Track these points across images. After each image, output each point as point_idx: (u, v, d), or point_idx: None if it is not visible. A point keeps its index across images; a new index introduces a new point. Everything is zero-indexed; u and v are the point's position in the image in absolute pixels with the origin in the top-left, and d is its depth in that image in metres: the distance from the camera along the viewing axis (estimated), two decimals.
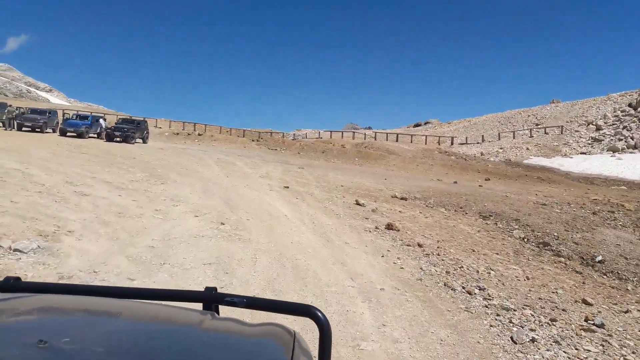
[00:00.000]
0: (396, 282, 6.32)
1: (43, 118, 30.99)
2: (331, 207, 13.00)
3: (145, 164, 19.53)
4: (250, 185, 16.00)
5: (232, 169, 21.84)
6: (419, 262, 7.70)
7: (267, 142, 44.01)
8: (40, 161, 16.15)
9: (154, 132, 43.94)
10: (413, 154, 41.25)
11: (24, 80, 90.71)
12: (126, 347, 0.92)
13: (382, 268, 6.96)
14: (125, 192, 12.35)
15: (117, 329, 1.06)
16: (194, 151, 30.65)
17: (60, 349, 0.81)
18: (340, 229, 9.79)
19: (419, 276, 6.75)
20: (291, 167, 27.18)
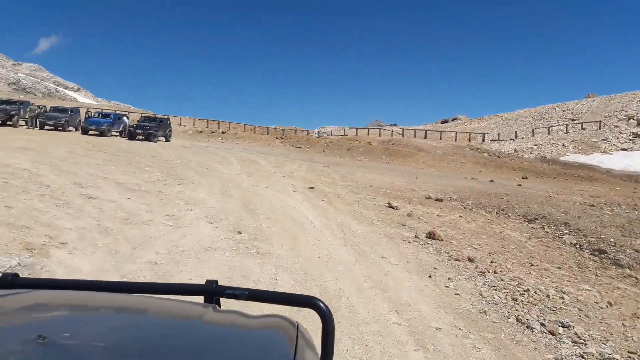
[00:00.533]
0: (454, 316, 4.97)
1: (65, 116, 30.45)
2: (361, 210, 11.66)
3: (163, 163, 18.54)
4: (272, 186, 14.78)
5: (255, 167, 20.68)
6: (475, 284, 6.31)
7: (292, 140, 42.83)
8: (54, 160, 15.27)
9: (178, 130, 43.31)
10: (443, 151, 39.48)
11: (52, 80, 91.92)
12: (128, 342, 0.89)
13: (433, 294, 5.61)
14: (136, 195, 11.27)
15: (118, 323, 1.04)
16: (217, 149, 29.68)
17: (60, 344, 0.78)
18: (374, 239, 8.45)
19: (481, 307, 5.37)
20: (316, 165, 25.91)
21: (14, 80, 73.78)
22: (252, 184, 14.94)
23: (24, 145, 18.91)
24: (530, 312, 5.29)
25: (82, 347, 0.82)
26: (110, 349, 0.83)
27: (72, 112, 31.89)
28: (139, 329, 1.01)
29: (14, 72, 79.24)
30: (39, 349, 0.75)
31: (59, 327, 0.93)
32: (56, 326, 0.95)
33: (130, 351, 0.84)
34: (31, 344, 0.76)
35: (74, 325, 0.98)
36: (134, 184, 12.70)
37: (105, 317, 1.11)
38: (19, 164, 13.66)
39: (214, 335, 1.02)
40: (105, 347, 0.83)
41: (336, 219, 10.07)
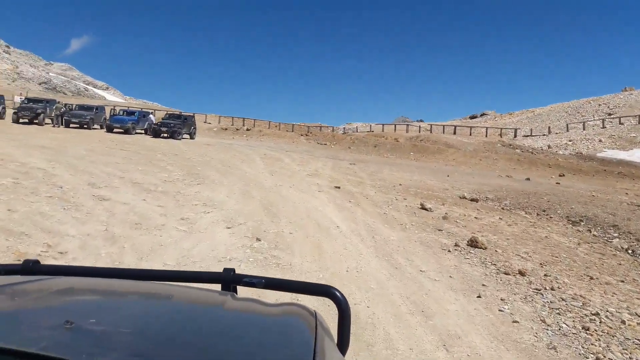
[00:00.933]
0: (517, 353, 3.98)
1: (90, 114, 30.29)
2: (392, 213, 10.70)
3: (185, 161, 17.94)
4: (296, 186, 13.94)
5: (278, 165, 19.90)
6: (534, 305, 5.32)
7: (316, 137, 41.96)
8: (72, 159, 14.78)
9: (203, 128, 42.99)
10: (474, 148, 38.00)
11: (82, 79, 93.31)
12: (151, 328, 0.90)
13: (486, 322, 4.64)
14: (152, 196, 10.58)
15: (141, 310, 1.05)
16: (241, 147, 29.06)
17: (88, 330, 0.79)
18: (409, 247, 7.50)
19: (547, 339, 4.37)
20: (342, 163, 24.99)
21: (45, 80, 75.04)
22: (275, 183, 14.14)
23: (45, 143, 18.59)
24: (611, 347, 4.26)
25: (109, 332, 0.82)
26: (135, 334, 0.83)
27: (97, 110, 31.75)
28: (162, 316, 1.02)
29: (45, 72, 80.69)
30: (68, 334, 0.75)
31: (85, 313, 0.93)
32: (82, 312, 0.95)
33: (154, 336, 0.84)
34: (60, 329, 0.77)
35: (99, 311, 0.99)
36: (151, 183, 12.04)
37: (128, 304, 1.11)
38: (35, 162, 13.19)
39: (236, 321, 1.02)
40: (131, 333, 0.83)
41: (365, 223, 9.15)
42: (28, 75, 73.31)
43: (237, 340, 0.88)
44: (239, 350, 0.83)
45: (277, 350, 0.86)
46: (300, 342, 0.89)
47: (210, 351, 0.81)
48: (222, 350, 0.82)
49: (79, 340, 0.76)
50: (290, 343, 0.90)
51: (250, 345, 0.87)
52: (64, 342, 0.74)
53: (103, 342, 0.77)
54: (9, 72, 71.11)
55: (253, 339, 0.90)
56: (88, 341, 0.76)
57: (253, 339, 0.90)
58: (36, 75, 75.45)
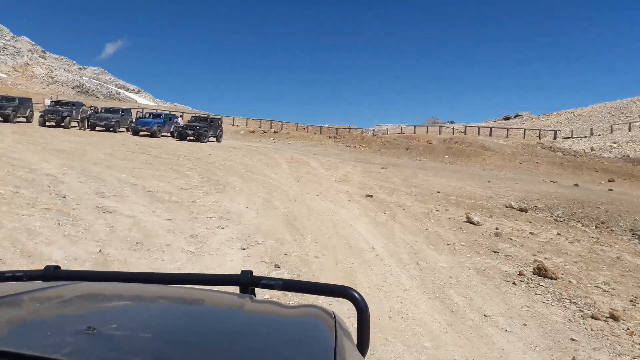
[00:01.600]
0: None
1: (116, 117, 29.76)
2: (435, 228, 9.25)
3: (207, 166, 16.88)
4: (324, 194, 12.62)
5: (305, 170, 18.63)
6: None
7: (345, 139, 40.58)
8: (88, 164, 13.88)
9: (230, 130, 42.25)
10: (512, 150, 35.90)
11: (114, 82, 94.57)
12: (172, 331, 0.90)
13: None
14: (163, 207, 9.45)
15: (161, 313, 1.06)
16: (267, 150, 27.97)
17: (109, 335, 0.80)
18: (463, 278, 6.07)
19: None
20: (372, 167, 23.56)
21: (78, 84, 76.22)
22: (300, 191, 12.86)
23: (65, 147, 17.86)
24: None
25: (130, 337, 0.82)
26: (155, 338, 0.84)
27: (123, 112, 31.19)
28: (181, 319, 1.01)
29: (78, 76, 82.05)
30: (90, 340, 0.76)
31: (107, 318, 0.94)
32: (103, 317, 0.95)
33: (174, 340, 0.85)
34: (82, 334, 0.77)
35: (120, 316, 0.99)
36: (165, 192, 10.94)
37: (149, 308, 1.11)
38: (47, 168, 12.30)
39: (255, 323, 1.01)
40: (151, 337, 0.84)
41: (405, 243, 7.73)
42: (62, 79, 74.56)
43: (256, 342, 0.88)
44: (258, 352, 0.83)
45: (296, 352, 0.85)
46: (319, 343, 0.89)
47: (230, 353, 0.81)
48: (241, 352, 0.82)
49: (101, 345, 0.76)
50: (309, 344, 0.90)
51: (270, 346, 0.86)
52: (87, 348, 0.74)
53: (124, 347, 0.77)
54: (44, 77, 72.45)
55: (272, 340, 0.90)
56: (110, 346, 0.77)
57: (272, 341, 0.90)
58: (70, 79, 76.69)
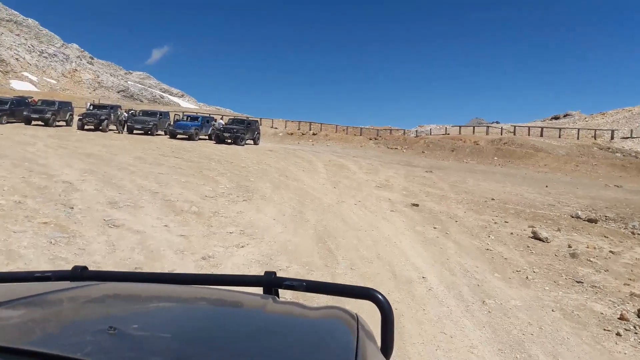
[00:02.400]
0: None
1: (153, 120, 29.32)
2: (498, 247, 7.65)
3: (239, 170, 15.79)
4: (363, 202, 11.19)
5: (343, 175, 17.22)
6: None
7: (386, 141, 38.90)
8: (112, 170, 13.02)
9: (269, 133, 41.41)
10: (566, 151, 33.21)
11: (159, 87, 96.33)
12: (192, 332, 0.89)
13: None
14: (180, 219, 8.31)
15: (183, 314, 1.06)
16: (305, 152, 26.74)
17: (130, 335, 0.81)
18: (548, 325, 4.52)
19: None
20: (416, 170, 21.89)
21: (123, 88, 77.88)
22: (336, 198, 11.48)
23: (95, 151, 17.23)
24: None
25: (150, 337, 0.83)
26: (176, 338, 0.84)
27: (160, 115, 30.76)
28: (203, 319, 1.01)
29: (124, 81, 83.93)
30: (111, 339, 0.77)
31: (128, 319, 0.94)
32: (125, 317, 0.96)
33: (195, 340, 0.84)
34: (103, 334, 0.78)
35: (141, 316, 1.00)
36: (187, 201, 9.82)
37: (170, 308, 1.11)
38: (66, 174, 11.49)
39: (277, 326, 1.01)
40: (172, 337, 0.84)
41: (464, 270, 6.20)
42: (108, 84, 76.35)
43: (278, 342, 0.88)
44: (279, 353, 0.82)
45: (318, 352, 0.85)
46: (341, 344, 0.89)
47: (251, 353, 0.80)
48: (262, 352, 0.81)
49: (121, 345, 0.77)
50: (331, 345, 0.89)
51: (292, 347, 0.86)
52: (107, 347, 0.75)
53: (144, 347, 0.78)
54: (91, 82, 74.37)
55: (294, 341, 0.90)
56: (130, 346, 0.77)
57: (294, 341, 0.90)
58: (115, 83, 78.44)
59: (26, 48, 70.27)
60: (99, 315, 1.00)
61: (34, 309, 0.97)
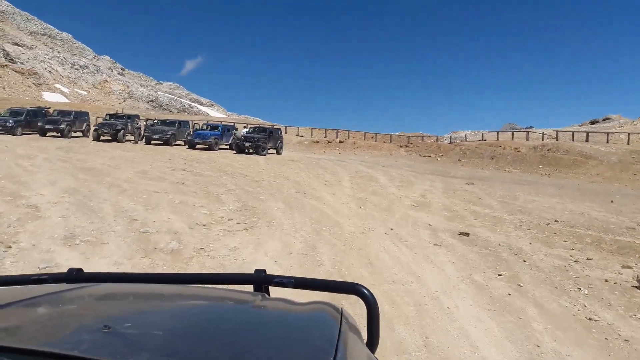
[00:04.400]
0: None
1: (171, 130, 27.54)
2: (602, 313, 5.08)
3: (251, 185, 13.59)
4: (396, 230, 8.71)
5: (371, 189, 14.76)
6: None
7: (419, 148, 36.11)
8: (101, 188, 11.04)
9: (294, 142, 39.29)
10: (619, 158, 29.72)
11: (189, 97, 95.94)
12: (183, 328, 0.92)
13: None
14: (148, 263, 6.13)
15: (175, 311, 1.09)
16: (330, 162, 24.39)
17: (123, 334, 0.84)
18: None
19: None
20: (455, 181, 19.22)
21: (152, 98, 77.58)
22: (362, 224, 9.06)
23: (97, 165, 15.36)
24: None
25: (142, 335, 0.85)
26: (167, 335, 0.87)
27: (179, 125, 28.98)
28: (194, 316, 1.04)
29: (153, 91, 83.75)
30: (105, 338, 0.80)
31: (122, 318, 0.97)
32: (119, 317, 0.99)
33: (185, 336, 0.87)
34: (98, 333, 0.81)
35: (134, 315, 1.02)
36: (169, 231, 7.62)
37: (163, 307, 1.14)
38: (40, 196, 9.54)
39: (263, 320, 1.04)
40: (163, 334, 0.87)
41: None
42: (137, 95, 76.16)
43: (262, 336, 0.90)
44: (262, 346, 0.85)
45: (301, 343, 0.87)
46: (324, 335, 0.91)
47: (235, 347, 0.83)
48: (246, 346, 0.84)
49: (115, 343, 0.79)
50: (312, 337, 0.92)
51: (274, 340, 0.88)
52: (102, 345, 0.78)
53: (136, 344, 0.80)
54: (121, 92, 74.28)
55: (277, 334, 0.92)
56: (123, 343, 0.80)
57: (277, 335, 0.92)
58: (145, 94, 78.22)
59: (59, 60, 70.79)
60: (94, 315, 1.01)
61: (33, 310, 1.00)
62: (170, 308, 1.13)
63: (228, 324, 0.97)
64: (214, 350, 0.80)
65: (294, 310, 1.12)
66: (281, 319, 1.07)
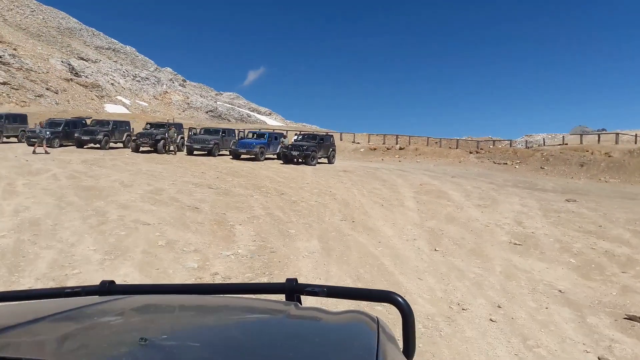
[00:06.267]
0: None
1: (214, 139, 24.84)
2: None
3: (285, 209, 10.26)
4: (508, 313, 4.84)
5: (444, 213, 10.83)
6: None
7: (491, 154, 31.24)
8: (77, 218, 8.07)
9: (349, 149, 35.64)
10: None
11: (248, 106, 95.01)
12: (220, 340, 0.90)
13: None
14: None
15: (210, 323, 1.07)
16: (389, 172, 20.53)
17: (160, 346, 0.81)
18: None
19: None
20: (548, 197, 14.84)
21: (211, 108, 76.94)
22: (442, 292, 5.28)
23: (104, 184, 12.62)
24: None
25: (180, 347, 0.83)
26: (204, 347, 0.84)
27: (224, 133, 26.23)
28: (229, 328, 1.03)
29: (213, 101, 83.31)
30: (143, 350, 0.78)
31: (158, 330, 0.96)
32: (155, 329, 0.98)
33: (222, 348, 0.85)
34: (135, 345, 0.79)
35: (170, 327, 1.01)
36: None
37: (198, 318, 1.12)
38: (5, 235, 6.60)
39: (299, 330, 1.02)
40: (200, 346, 0.84)
41: None
42: (197, 105, 75.74)
43: (302, 346, 0.88)
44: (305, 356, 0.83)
45: (341, 354, 0.85)
46: (363, 345, 0.88)
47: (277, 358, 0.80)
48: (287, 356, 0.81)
49: (153, 356, 0.78)
50: (352, 347, 0.89)
51: (313, 351, 0.86)
52: (140, 358, 0.76)
53: (174, 357, 0.79)
54: (180, 103, 74.14)
55: (316, 345, 0.90)
56: (161, 356, 0.78)
57: (316, 346, 0.90)
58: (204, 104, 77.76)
59: (121, 73, 71.75)
60: (129, 328, 1.00)
61: (68, 323, 0.98)
62: (206, 319, 1.10)
63: (265, 335, 0.95)
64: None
65: (329, 320, 1.09)
66: (319, 329, 1.03)
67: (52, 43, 70.28)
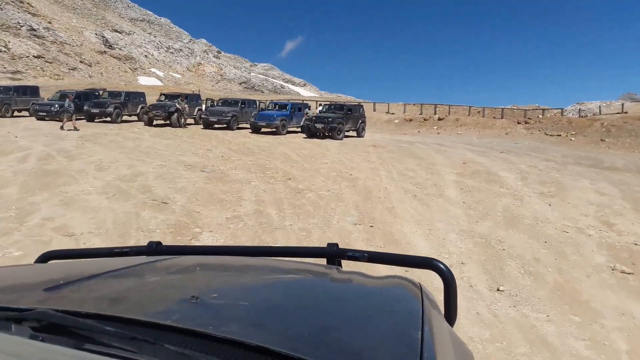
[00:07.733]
0: None
1: (233, 111, 22.21)
2: None
3: (285, 204, 7.73)
4: None
5: (499, 206, 7.80)
6: None
7: (542, 125, 27.19)
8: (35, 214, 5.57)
9: (382, 120, 32.28)
10: None
11: (282, 77, 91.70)
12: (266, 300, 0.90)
13: None
14: None
15: (257, 284, 1.06)
16: (425, 147, 17.38)
17: (210, 304, 0.82)
18: None
19: None
20: (625, 179, 11.48)
21: (245, 80, 74.36)
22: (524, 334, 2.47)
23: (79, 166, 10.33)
24: None
25: (230, 306, 0.84)
26: (252, 306, 0.84)
27: (243, 104, 23.55)
28: (275, 289, 1.02)
29: (247, 73, 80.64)
30: (194, 308, 0.78)
31: (208, 289, 0.95)
32: (205, 288, 0.97)
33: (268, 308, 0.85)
34: (186, 303, 0.79)
35: (218, 287, 1.00)
36: None
37: (244, 279, 1.11)
38: None
39: (342, 292, 1.01)
40: (248, 305, 0.85)
41: None
42: (230, 77, 73.28)
43: (346, 309, 0.87)
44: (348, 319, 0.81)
45: (385, 319, 0.83)
46: (407, 311, 0.87)
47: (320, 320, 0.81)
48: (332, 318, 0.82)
49: (205, 313, 0.78)
50: (398, 312, 0.88)
51: (359, 314, 0.85)
52: (192, 315, 0.76)
53: (225, 315, 0.79)
54: (214, 74, 71.88)
55: (361, 308, 0.89)
56: (212, 314, 0.79)
57: (361, 308, 0.89)
58: (237, 75, 75.21)
59: (154, 45, 69.90)
60: (180, 286, 0.99)
61: (121, 281, 0.98)
62: (252, 280, 1.09)
63: (309, 297, 0.94)
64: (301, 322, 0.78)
65: (373, 284, 1.07)
66: (362, 292, 1.02)
67: (87, 15, 69.01)
